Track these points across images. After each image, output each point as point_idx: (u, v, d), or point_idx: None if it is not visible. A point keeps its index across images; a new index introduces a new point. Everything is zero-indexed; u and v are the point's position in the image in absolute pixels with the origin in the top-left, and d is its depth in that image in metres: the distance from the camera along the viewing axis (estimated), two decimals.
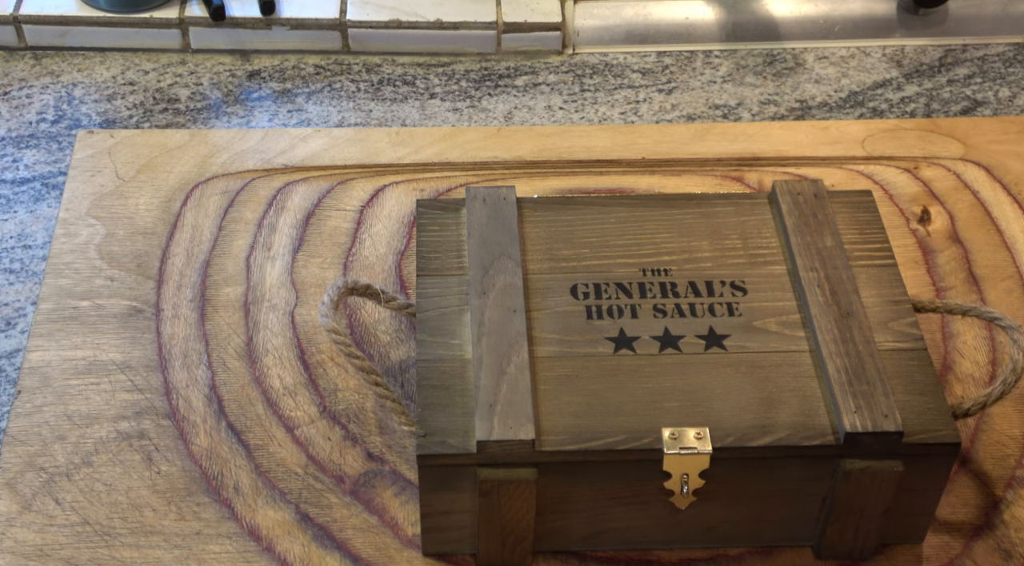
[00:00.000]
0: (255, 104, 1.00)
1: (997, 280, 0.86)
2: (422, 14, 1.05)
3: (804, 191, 0.77)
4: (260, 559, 0.70)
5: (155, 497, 0.73)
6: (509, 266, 0.72)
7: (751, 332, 0.70)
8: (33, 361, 0.80)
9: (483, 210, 0.75)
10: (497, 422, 0.64)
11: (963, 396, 0.79)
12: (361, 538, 0.72)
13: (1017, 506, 0.74)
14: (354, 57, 1.05)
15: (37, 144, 0.96)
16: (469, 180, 0.92)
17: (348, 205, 0.90)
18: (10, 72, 1.03)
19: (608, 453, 0.65)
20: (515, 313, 0.69)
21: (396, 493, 0.74)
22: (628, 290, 0.72)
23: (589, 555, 0.71)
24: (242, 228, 0.88)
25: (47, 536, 0.71)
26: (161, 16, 1.03)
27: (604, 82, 1.04)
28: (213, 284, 0.85)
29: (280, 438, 0.76)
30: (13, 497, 0.73)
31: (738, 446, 0.65)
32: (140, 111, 0.99)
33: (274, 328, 0.82)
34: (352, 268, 0.86)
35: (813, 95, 1.03)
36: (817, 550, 0.71)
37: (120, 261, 0.86)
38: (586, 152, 0.95)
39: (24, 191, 0.92)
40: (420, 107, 1.01)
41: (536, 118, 1.00)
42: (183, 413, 0.77)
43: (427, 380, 0.67)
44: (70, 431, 0.76)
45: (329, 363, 0.80)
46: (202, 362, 0.80)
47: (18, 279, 0.86)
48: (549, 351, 0.69)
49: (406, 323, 0.82)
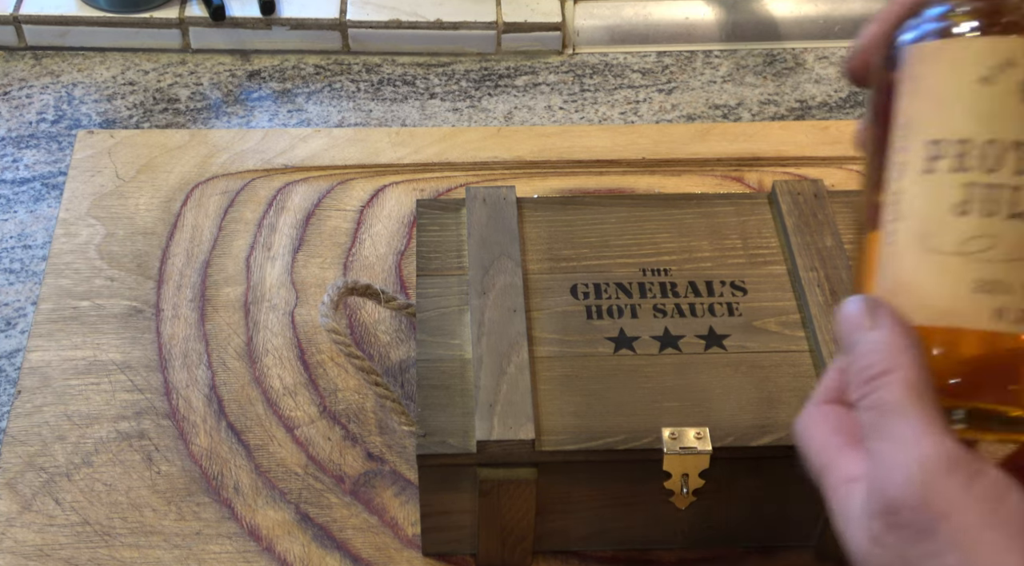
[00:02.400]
0: (255, 104, 1.01)
1: None
2: (422, 14, 1.05)
3: (804, 191, 0.77)
4: (260, 559, 0.70)
5: (155, 497, 0.73)
6: (509, 266, 0.72)
7: (751, 332, 0.70)
8: (33, 361, 0.80)
9: (483, 210, 0.75)
10: (497, 422, 0.64)
11: None
12: (361, 538, 0.72)
13: None
14: (354, 57, 1.05)
15: (37, 144, 0.96)
16: (469, 180, 0.92)
17: (348, 205, 0.90)
18: (10, 72, 1.03)
19: (608, 453, 0.65)
20: (515, 313, 0.69)
21: (396, 493, 0.74)
22: (628, 290, 0.72)
23: (589, 555, 0.71)
24: (242, 228, 0.88)
25: (47, 536, 0.71)
26: (161, 16, 1.03)
27: (604, 82, 1.04)
28: (213, 284, 0.85)
29: (280, 438, 0.76)
30: (13, 497, 0.73)
31: (738, 446, 0.65)
32: (140, 111, 0.99)
33: (274, 328, 0.82)
34: (352, 268, 0.86)
35: (813, 95, 1.03)
36: (818, 550, 0.71)
37: (120, 261, 0.86)
38: (586, 152, 0.95)
39: (24, 191, 0.92)
40: (420, 107, 1.01)
41: (536, 118, 1.00)
42: (183, 413, 0.77)
43: (427, 380, 0.67)
44: (70, 431, 0.76)
45: (329, 363, 0.80)
46: (202, 362, 0.80)
47: (18, 279, 0.86)
48: (549, 351, 0.69)
49: (406, 323, 0.82)
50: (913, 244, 0.45)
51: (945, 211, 0.45)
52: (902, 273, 0.46)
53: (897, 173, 0.47)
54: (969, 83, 0.45)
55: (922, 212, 0.45)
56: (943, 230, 0.45)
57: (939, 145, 0.45)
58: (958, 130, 0.45)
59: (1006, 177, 0.44)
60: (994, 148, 0.44)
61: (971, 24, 0.46)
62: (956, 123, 0.45)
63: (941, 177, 0.45)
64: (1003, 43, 0.45)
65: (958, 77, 0.45)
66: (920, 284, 0.45)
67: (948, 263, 0.44)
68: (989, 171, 0.44)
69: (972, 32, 0.46)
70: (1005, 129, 0.45)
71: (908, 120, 0.46)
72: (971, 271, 0.44)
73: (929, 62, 0.46)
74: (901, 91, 0.47)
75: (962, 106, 0.45)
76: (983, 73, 0.45)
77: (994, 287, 0.44)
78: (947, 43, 0.46)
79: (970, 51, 0.45)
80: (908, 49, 0.47)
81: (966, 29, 0.46)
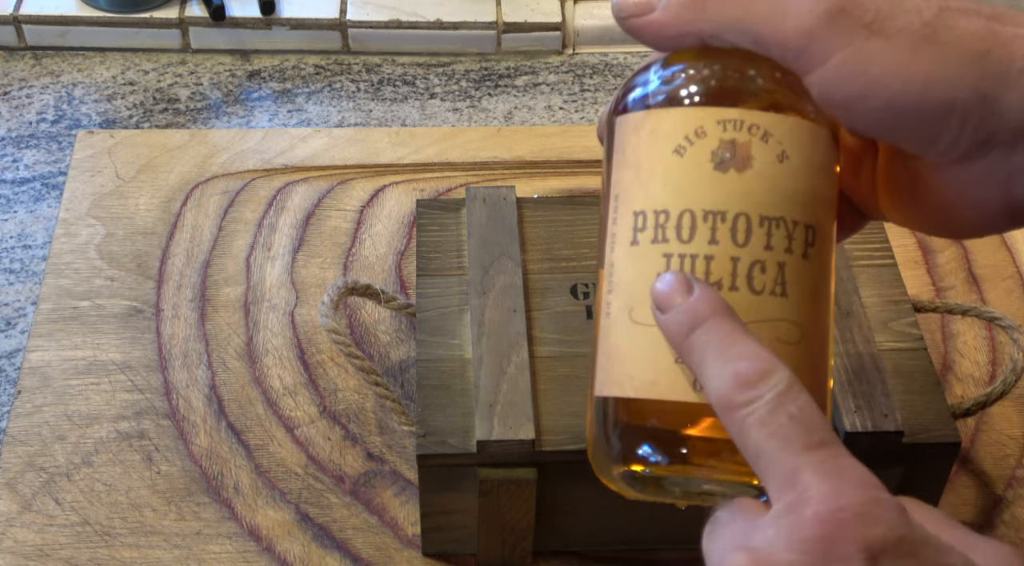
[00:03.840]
0: (255, 104, 1.01)
1: (997, 280, 0.86)
2: (422, 14, 1.05)
3: None
4: (260, 559, 0.70)
5: (155, 497, 0.73)
6: (509, 266, 0.72)
7: None
8: (33, 361, 0.80)
9: (483, 210, 0.75)
10: (497, 422, 0.64)
11: (963, 396, 0.79)
12: (361, 538, 0.72)
13: (1017, 506, 0.74)
14: (354, 57, 1.05)
15: (37, 144, 0.96)
16: (469, 180, 0.92)
17: (348, 205, 0.90)
18: (10, 72, 1.03)
19: None
20: (515, 313, 0.69)
21: (396, 493, 0.74)
22: None
23: (589, 555, 0.71)
24: (242, 228, 0.88)
25: (47, 536, 0.71)
26: (161, 16, 1.03)
27: (604, 82, 1.04)
28: (213, 284, 0.85)
29: (280, 438, 0.76)
30: (13, 497, 0.73)
31: None
32: (140, 111, 0.99)
33: (274, 328, 0.82)
34: (352, 268, 0.86)
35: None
36: None
37: (120, 261, 0.86)
38: (586, 152, 0.95)
39: (24, 191, 0.92)
40: (420, 107, 1.01)
41: (536, 118, 1.00)
42: (183, 413, 0.77)
43: (427, 380, 0.67)
44: (70, 431, 0.76)
45: (329, 363, 0.80)
46: (202, 362, 0.80)
47: (18, 279, 0.86)
48: (549, 351, 0.69)
49: (406, 323, 0.82)
50: (623, 316, 0.46)
51: (649, 282, 0.45)
52: (614, 345, 0.47)
53: (610, 245, 0.48)
54: (665, 154, 0.46)
55: (629, 284, 0.46)
56: (646, 302, 0.45)
57: (642, 216, 0.46)
58: (657, 201, 0.46)
59: (699, 247, 0.45)
60: (688, 217, 0.45)
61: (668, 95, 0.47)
62: (656, 194, 0.46)
63: (645, 248, 0.46)
64: (692, 113, 0.46)
65: (656, 148, 0.46)
66: (629, 355, 0.46)
67: (651, 335, 0.45)
68: (684, 242, 0.45)
69: (667, 104, 0.47)
70: (696, 199, 0.45)
71: (618, 191, 0.48)
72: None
73: (632, 133, 0.47)
74: (613, 162, 0.48)
75: (660, 177, 0.46)
76: (677, 143, 0.46)
77: None
78: (647, 114, 0.47)
79: (664, 122, 0.46)
80: (616, 120, 0.48)
81: (661, 100, 0.47)
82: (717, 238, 0.45)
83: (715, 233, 0.45)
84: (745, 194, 0.45)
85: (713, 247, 0.45)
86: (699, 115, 0.46)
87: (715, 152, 0.45)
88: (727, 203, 0.45)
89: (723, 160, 0.45)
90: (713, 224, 0.45)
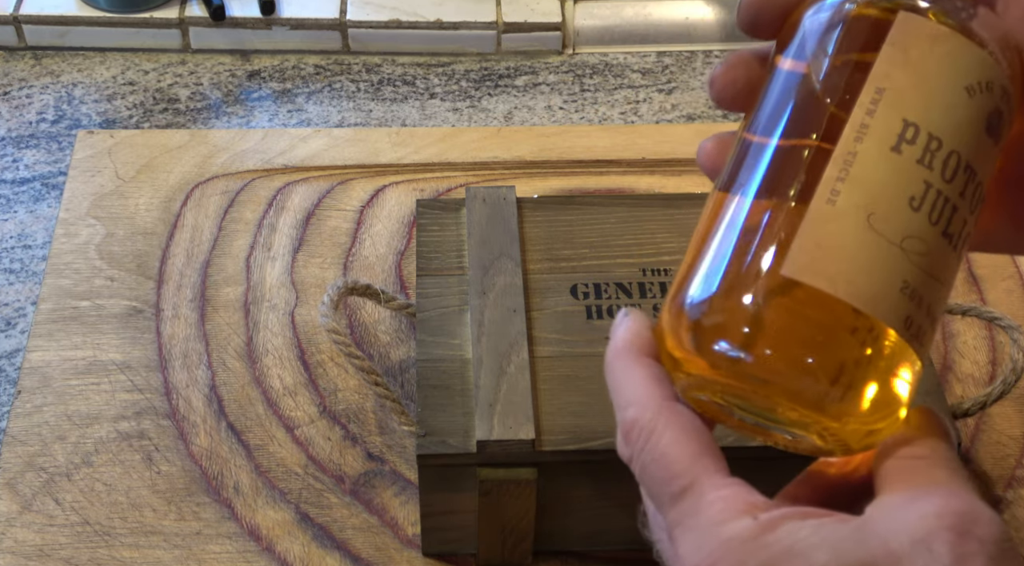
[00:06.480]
0: (255, 104, 1.01)
1: (997, 280, 0.86)
2: (422, 14, 1.05)
3: None
4: (260, 559, 0.70)
5: (155, 497, 0.73)
6: (509, 266, 0.72)
7: None
8: (33, 361, 0.80)
9: (483, 210, 0.75)
10: (497, 422, 0.64)
11: (963, 396, 0.79)
12: (361, 538, 0.72)
13: (1017, 506, 0.74)
14: (354, 57, 1.05)
15: (37, 144, 0.96)
16: (469, 180, 0.92)
17: (348, 205, 0.90)
18: (10, 72, 1.03)
19: (608, 453, 0.64)
20: (515, 313, 0.69)
21: (396, 493, 0.74)
22: (628, 290, 0.72)
23: (589, 555, 0.71)
24: (242, 228, 0.88)
25: (47, 536, 0.71)
26: (161, 16, 1.03)
27: (604, 82, 1.04)
28: (213, 284, 0.85)
29: (280, 438, 0.76)
30: (13, 497, 0.73)
31: (738, 445, 0.65)
32: (140, 111, 0.99)
33: (274, 328, 0.82)
34: (352, 268, 0.86)
35: None
36: None
37: (120, 261, 0.86)
38: (586, 152, 0.95)
39: (24, 191, 0.92)
40: (420, 107, 1.01)
41: (536, 118, 1.00)
42: (183, 413, 0.77)
43: (427, 380, 0.67)
44: (70, 431, 0.76)
45: (329, 363, 0.80)
46: (202, 362, 0.80)
47: (18, 279, 0.86)
48: (549, 351, 0.69)
49: (406, 323, 0.82)
50: (858, 215, 0.43)
51: (901, 197, 0.43)
52: (836, 237, 0.43)
53: (858, 132, 0.44)
54: (956, 85, 0.45)
55: (876, 186, 0.44)
56: (893, 215, 0.43)
57: (914, 128, 0.44)
58: (935, 126, 0.44)
59: (953, 193, 0.44)
60: (955, 159, 0.44)
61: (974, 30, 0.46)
62: (934, 119, 0.44)
63: (907, 163, 0.44)
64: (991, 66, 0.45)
65: (949, 73, 0.45)
66: (855, 259, 0.43)
67: (887, 251, 0.43)
68: (946, 181, 0.44)
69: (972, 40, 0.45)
70: (966, 147, 0.44)
71: (887, 86, 0.45)
72: (904, 269, 0.43)
73: (925, 39, 0.45)
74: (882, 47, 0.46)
75: (943, 104, 0.44)
76: (970, 83, 0.45)
77: (914, 295, 0.43)
78: (952, 34, 0.45)
79: (966, 55, 0.45)
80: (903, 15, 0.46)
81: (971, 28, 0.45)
82: (965, 194, 0.44)
83: (966, 188, 0.44)
84: (990, 161, 0.45)
85: (961, 200, 0.44)
86: (996, 72, 0.45)
87: (991, 115, 0.45)
88: (979, 164, 0.44)
89: (991, 125, 0.45)
90: (968, 178, 0.44)
